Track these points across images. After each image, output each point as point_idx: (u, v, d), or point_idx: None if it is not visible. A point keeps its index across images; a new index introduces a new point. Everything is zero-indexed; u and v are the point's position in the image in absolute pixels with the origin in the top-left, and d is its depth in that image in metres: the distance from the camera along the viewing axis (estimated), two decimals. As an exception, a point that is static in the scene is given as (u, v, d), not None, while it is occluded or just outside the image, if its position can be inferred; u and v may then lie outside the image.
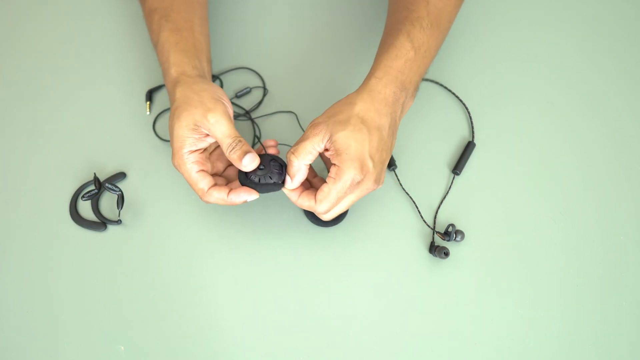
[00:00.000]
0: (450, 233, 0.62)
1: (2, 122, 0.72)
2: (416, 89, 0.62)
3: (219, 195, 0.57)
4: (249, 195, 0.57)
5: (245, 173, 0.58)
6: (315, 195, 0.56)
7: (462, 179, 0.69)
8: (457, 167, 0.68)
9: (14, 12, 0.80)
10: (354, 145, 0.54)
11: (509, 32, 0.79)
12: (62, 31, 0.79)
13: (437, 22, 0.64)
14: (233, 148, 0.56)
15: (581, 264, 0.64)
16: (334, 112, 0.57)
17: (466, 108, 0.73)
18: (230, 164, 0.63)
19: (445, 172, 0.69)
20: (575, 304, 0.62)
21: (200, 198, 0.58)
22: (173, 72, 0.62)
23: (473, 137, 0.71)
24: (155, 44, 0.66)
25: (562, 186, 0.68)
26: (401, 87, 0.59)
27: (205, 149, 0.60)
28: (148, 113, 0.73)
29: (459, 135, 0.71)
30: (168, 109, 0.73)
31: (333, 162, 0.55)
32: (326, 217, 0.59)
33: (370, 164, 0.55)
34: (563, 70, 0.76)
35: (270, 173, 0.57)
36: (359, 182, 0.55)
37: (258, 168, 0.57)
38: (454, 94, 0.74)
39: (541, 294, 0.62)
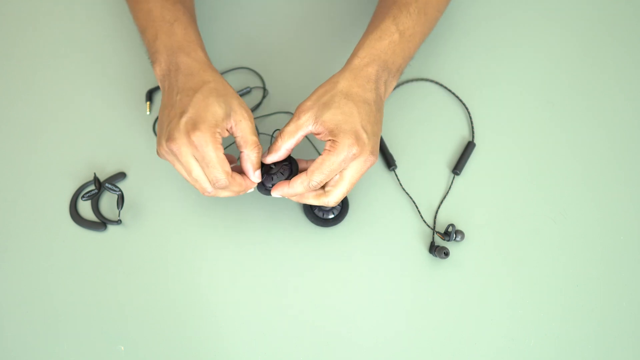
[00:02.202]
0: (450, 233, 0.62)
1: (2, 121, 0.72)
2: (400, 71, 0.63)
3: (241, 181, 0.56)
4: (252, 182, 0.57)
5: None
6: (307, 169, 0.56)
7: (462, 179, 0.69)
8: (457, 167, 0.68)
9: (14, 12, 0.80)
10: (343, 119, 0.55)
11: (509, 31, 0.79)
12: (62, 31, 0.79)
13: (425, 9, 0.65)
14: (253, 149, 0.56)
15: (581, 264, 0.64)
16: (318, 95, 0.57)
17: (466, 108, 0.73)
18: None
19: (445, 172, 0.69)
20: (575, 304, 0.62)
21: (217, 185, 0.54)
22: (201, 53, 0.60)
23: (473, 137, 0.71)
24: (173, 20, 0.62)
25: (562, 186, 0.68)
26: (383, 66, 0.60)
27: None
28: (148, 113, 0.73)
29: (459, 135, 0.71)
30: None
31: (328, 139, 0.55)
32: (331, 201, 0.56)
33: (364, 135, 0.55)
34: (563, 70, 0.76)
35: (281, 171, 0.58)
36: (355, 155, 0.54)
37: (269, 167, 0.58)
38: (454, 94, 0.74)
39: (541, 294, 0.62)
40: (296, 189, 0.56)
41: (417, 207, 0.67)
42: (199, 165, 0.54)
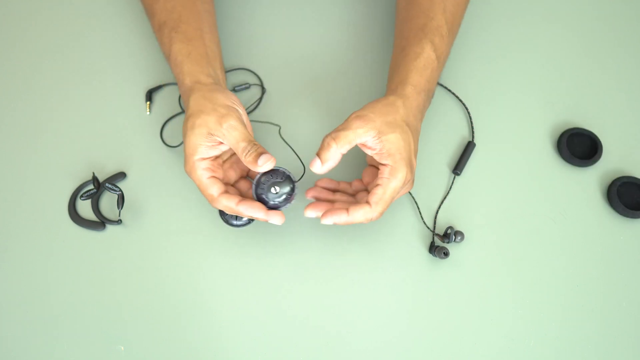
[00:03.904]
0: (450, 235, 0.62)
1: (2, 121, 0.72)
2: (433, 94, 0.66)
3: (228, 203, 0.56)
4: (259, 212, 0.57)
5: (257, 190, 0.58)
6: (369, 199, 0.56)
7: (462, 179, 0.69)
8: (458, 167, 0.68)
9: (14, 12, 0.80)
10: (403, 147, 0.56)
11: (508, 31, 0.79)
12: (62, 31, 0.79)
13: (452, 29, 0.67)
14: (248, 151, 0.56)
15: (581, 264, 0.64)
16: (379, 112, 0.57)
17: (466, 108, 0.73)
18: (243, 176, 0.63)
19: (445, 172, 0.69)
20: (575, 304, 0.62)
21: (210, 203, 0.58)
22: (187, 81, 0.62)
23: (473, 137, 0.71)
24: (168, 56, 0.66)
25: (562, 186, 0.68)
26: (428, 95, 0.63)
27: (218, 157, 0.60)
28: (148, 113, 0.73)
29: (459, 135, 0.71)
30: (173, 116, 0.73)
31: (382, 162, 0.56)
32: (375, 216, 0.56)
33: (414, 165, 0.58)
34: (563, 70, 0.76)
35: (282, 189, 0.58)
36: (404, 184, 0.56)
37: (272, 184, 0.58)
38: (453, 94, 0.74)
39: (541, 294, 0.62)
40: (357, 218, 0.56)
41: (418, 207, 0.67)
42: None
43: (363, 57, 0.76)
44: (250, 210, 0.56)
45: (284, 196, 0.58)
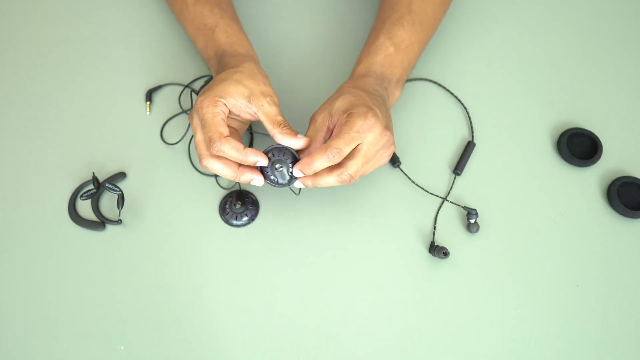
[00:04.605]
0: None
1: (2, 121, 0.72)
2: (401, 81, 0.67)
3: (236, 145, 0.55)
4: (264, 161, 0.56)
5: (262, 169, 0.57)
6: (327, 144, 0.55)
7: (462, 178, 0.69)
8: (458, 167, 0.68)
9: (14, 11, 0.80)
10: (354, 99, 0.57)
11: (508, 32, 0.79)
12: (62, 31, 0.79)
13: (420, 20, 0.69)
14: (286, 125, 0.57)
15: (581, 264, 0.64)
16: (326, 101, 0.60)
17: (465, 108, 0.73)
18: None
19: (446, 173, 0.69)
20: (575, 304, 0.62)
21: (212, 144, 0.54)
22: (242, 50, 0.65)
23: (473, 137, 0.71)
24: (211, 26, 0.67)
25: (562, 186, 0.68)
26: (381, 77, 0.65)
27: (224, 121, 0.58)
28: (148, 113, 0.73)
29: (459, 135, 0.71)
30: (173, 116, 0.73)
31: (341, 123, 0.57)
32: (347, 177, 0.55)
33: (377, 110, 0.57)
34: (563, 70, 0.76)
35: (285, 168, 0.57)
36: (370, 125, 0.55)
37: (274, 165, 0.57)
38: (453, 94, 0.74)
39: (541, 294, 0.62)
40: (317, 163, 0.54)
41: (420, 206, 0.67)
42: (201, 130, 0.57)
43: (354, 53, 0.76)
44: (254, 156, 0.55)
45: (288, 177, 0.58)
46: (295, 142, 0.57)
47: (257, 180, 0.57)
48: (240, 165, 0.57)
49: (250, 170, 0.57)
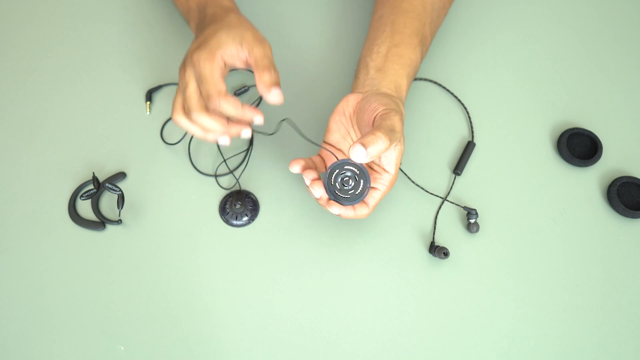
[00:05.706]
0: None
1: (2, 121, 0.72)
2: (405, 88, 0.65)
3: (234, 102, 0.55)
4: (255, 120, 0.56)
5: (330, 186, 0.57)
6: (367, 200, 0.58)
7: (463, 178, 0.69)
8: (458, 167, 0.68)
9: (13, 11, 0.80)
10: (387, 100, 0.57)
11: (508, 31, 0.79)
12: (62, 30, 0.79)
13: (426, 43, 0.69)
14: (273, 70, 0.55)
15: (581, 264, 0.64)
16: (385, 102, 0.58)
17: (465, 108, 0.73)
18: None
19: (446, 173, 0.69)
20: (575, 304, 0.62)
21: (210, 99, 0.54)
22: (226, 2, 0.63)
23: (473, 137, 0.71)
24: None
25: (562, 186, 0.68)
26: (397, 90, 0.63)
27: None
28: (148, 113, 0.73)
29: (459, 135, 0.71)
30: (171, 117, 0.73)
31: (386, 167, 0.58)
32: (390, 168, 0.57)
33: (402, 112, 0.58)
34: (563, 70, 0.76)
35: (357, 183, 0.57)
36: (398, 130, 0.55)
37: (342, 181, 0.57)
38: (453, 94, 0.74)
39: (541, 294, 0.62)
40: (380, 145, 0.52)
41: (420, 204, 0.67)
42: (195, 83, 0.56)
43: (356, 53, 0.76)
44: (251, 112, 0.56)
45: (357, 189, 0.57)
46: (274, 93, 0.55)
47: (246, 131, 0.58)
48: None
49: (239, 124, 0.58)
